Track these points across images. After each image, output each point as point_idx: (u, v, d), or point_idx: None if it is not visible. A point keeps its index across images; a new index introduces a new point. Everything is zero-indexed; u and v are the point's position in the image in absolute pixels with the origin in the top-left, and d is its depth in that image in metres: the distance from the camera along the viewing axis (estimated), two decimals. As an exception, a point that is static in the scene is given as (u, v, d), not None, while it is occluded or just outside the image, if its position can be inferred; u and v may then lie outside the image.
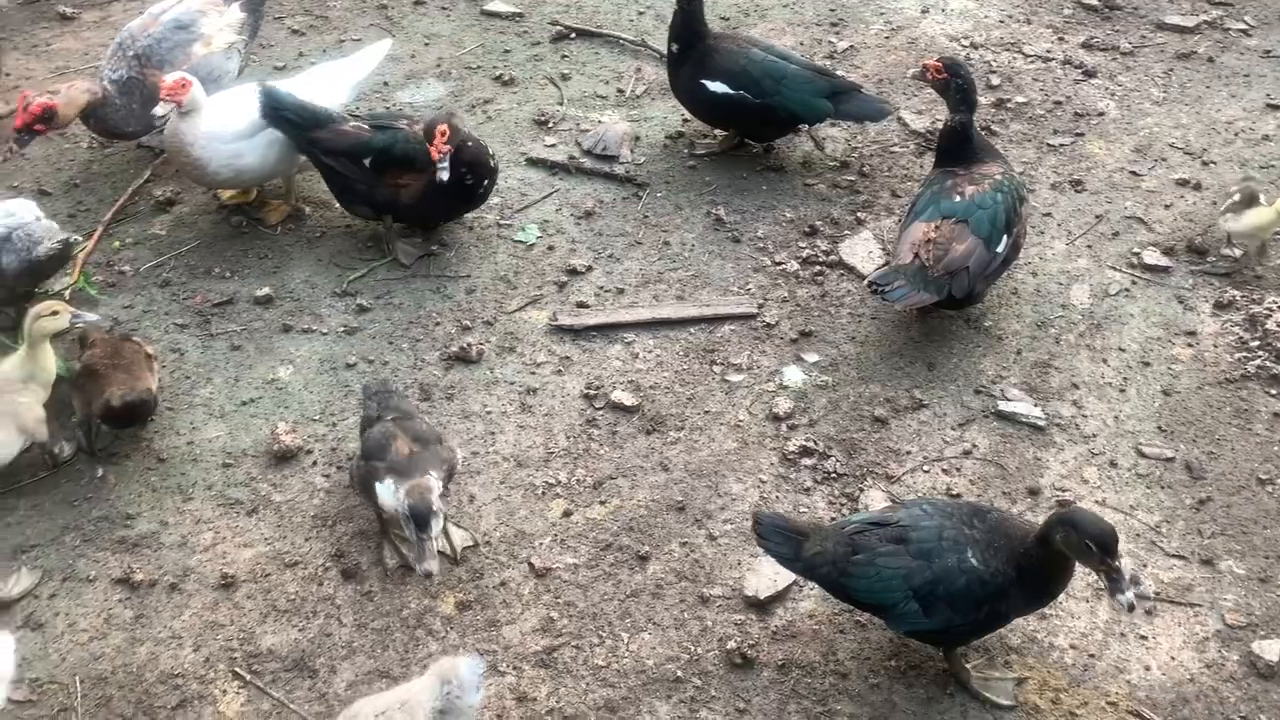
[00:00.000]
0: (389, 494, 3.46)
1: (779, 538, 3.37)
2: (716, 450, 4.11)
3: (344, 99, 5.00)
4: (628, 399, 4.26)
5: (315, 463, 4.00)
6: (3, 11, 6.23)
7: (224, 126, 4.63)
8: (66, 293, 4.47)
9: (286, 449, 3.98)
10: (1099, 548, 3.02)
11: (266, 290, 4.61)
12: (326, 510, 3.85)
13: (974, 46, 6.21)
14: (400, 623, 3.55)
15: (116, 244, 4.86)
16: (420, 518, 3.28)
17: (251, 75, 5.54)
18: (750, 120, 5.28)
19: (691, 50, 5.20)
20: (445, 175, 4.49)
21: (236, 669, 3.41)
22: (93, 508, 3.83)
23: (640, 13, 6.44)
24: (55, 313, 3.86)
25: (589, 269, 4.83)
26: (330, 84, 4.92)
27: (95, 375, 3.86)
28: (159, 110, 4.55)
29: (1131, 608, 3.04)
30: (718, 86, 5.16)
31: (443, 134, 4.47)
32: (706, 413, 4.25)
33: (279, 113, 4.63)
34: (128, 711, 3.31)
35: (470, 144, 4.65)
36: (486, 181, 4.76)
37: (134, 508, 3.84)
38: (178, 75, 4.59)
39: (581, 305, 4.67)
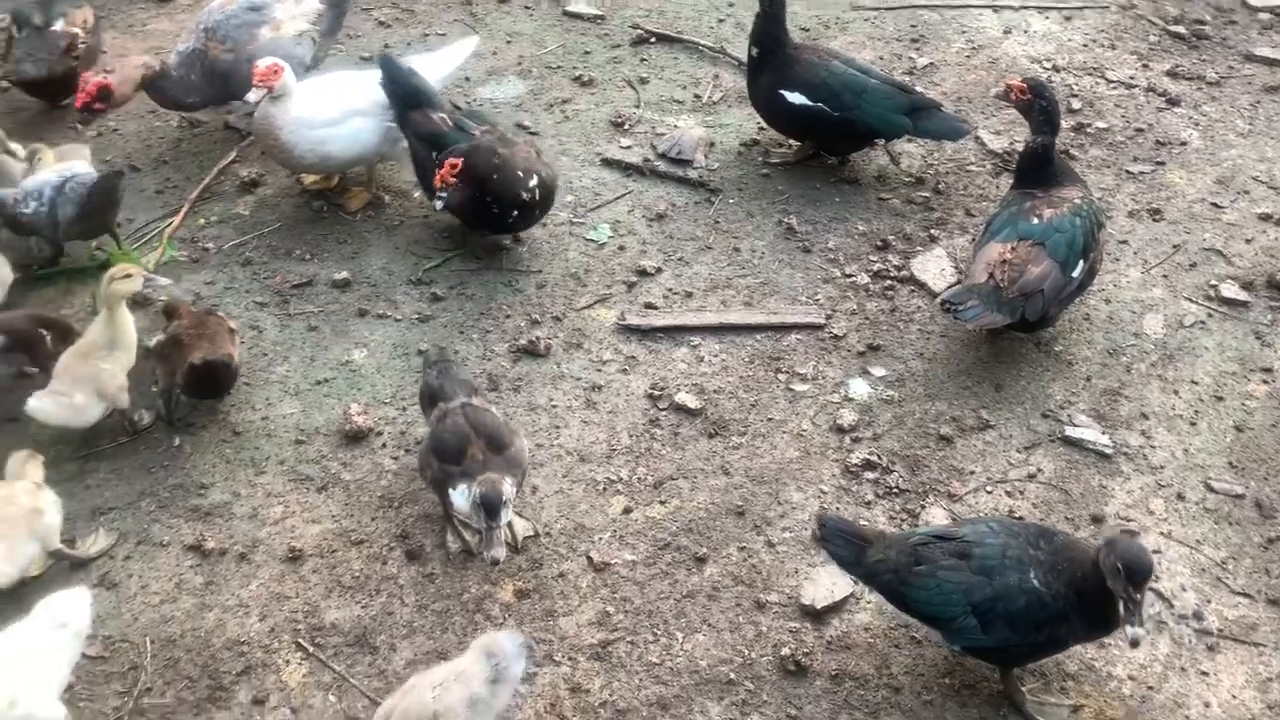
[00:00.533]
0: (462, 499, 3.51)
1: (842, 541, 3.38)
2: (778, 458, 4.13)
3: (429, 92, 5.09)
4: (691, 401, 4.29)
5: (384, 444, 4.08)
6: (103, -9, 6.43)
7: (313, 113, 4.75)
8: (151, 263, 4.61)
9: (358, 429, 4.06)
10: (1125, 572, 3.02)
11: (344, 274, 4.71)
12: (393, 491, 3.93)
13: (1056, 69, 6.16)
14: (460, 606, 3.61)
15: (201, 221, 4.99)
16: (490, 506, 3.34)
17: (338, 64, 5.67)
18: (827, 133, 5.29)
19: (771, 57, 5.22)
20: (439, 205, 4.50)
21: (300, 640, 3.49)
22: (169, 475, 3.95)
23: (720, 20, 6.48)
24: (128, 275, 3.98)
25: (658, 271, 4.87)
26: (417, 75, 5.01)
27: (179, 344, 3.98)
28: (251, 96, 4.67)
29: (1136, 643, 3.08)
30: (796, 98, 5.17)
31: (451, 166, 4.41)
32: (770, 420, 4.27)
33: (390, 83, 4.76)
34: (194, 674, 3.41)
35: (496, 177, 4.50)
36: (516, 212, 4.61)
37: (208, 478, 3.95)
38: (270, 60, 4.72)
39: (649, 306, 4.71)
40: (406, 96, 4.77)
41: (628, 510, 3.93)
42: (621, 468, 4.07)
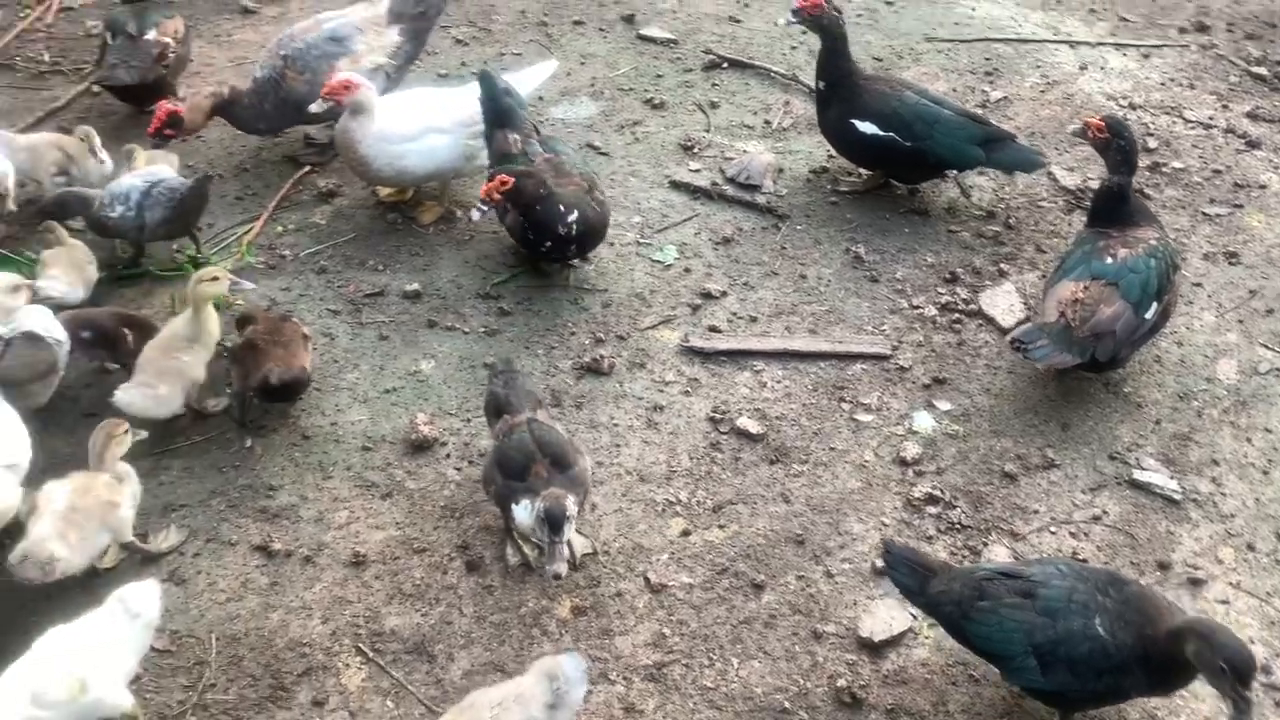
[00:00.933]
0: (525, 514, 3.55)
1: (906, 569, 3.36)
2: (840, 488, 4.11)
3: (504, 111, 5.17)
4: (753, 427, 4.30)
5: (449, 455, 4.14)
6: (193, 2, 6.62)
7: (392, 128, 4.85)
8: (229, 267, 4.73)
9: (424, 439, 4.12)
10: (1233, 672, 2.91)
11: (415, 286, 4.79)
12: (456, 502, 3.98)
13: (1132, 107, 6.10)
14: (517, 619, 3.64)
15: (279, 229, 5.11)
16: (555, 522, 3.37)
17: (415, 81, 5.78)
18: (898, 163, 5.28)
19: (839, 88, 5.23)
20: (476, 216, 4.52)
21: (360, 645, 3.54)
22: (239, 476, 4.03)
23: (793, 47, 6.50)
24: (215, 279, 4.11)
25: (723, 294, 4.89)
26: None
27: (255, 350, 4.07)
28: (314, 107, 4.79)
29: None
30: (867, 127, 5.18)
31: (501, 182, 4.41)
32: (832, 449, 4.26)
33: (484, 99, 4.87)
34: (256, 672, 3.47)
35: (539, 207, 4.47)
36: (549, 243, 4.59)
37: (277, 480, 4.03)
38: (346, 75, 4.82)
39: (713, 329, 4.73)
40: (494, 114, 4.86)
41: (686, 533, 3.94)
42: (681, 489, 4.09)
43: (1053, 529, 3.99)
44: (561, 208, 4.53)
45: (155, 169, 4.74)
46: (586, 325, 4.73)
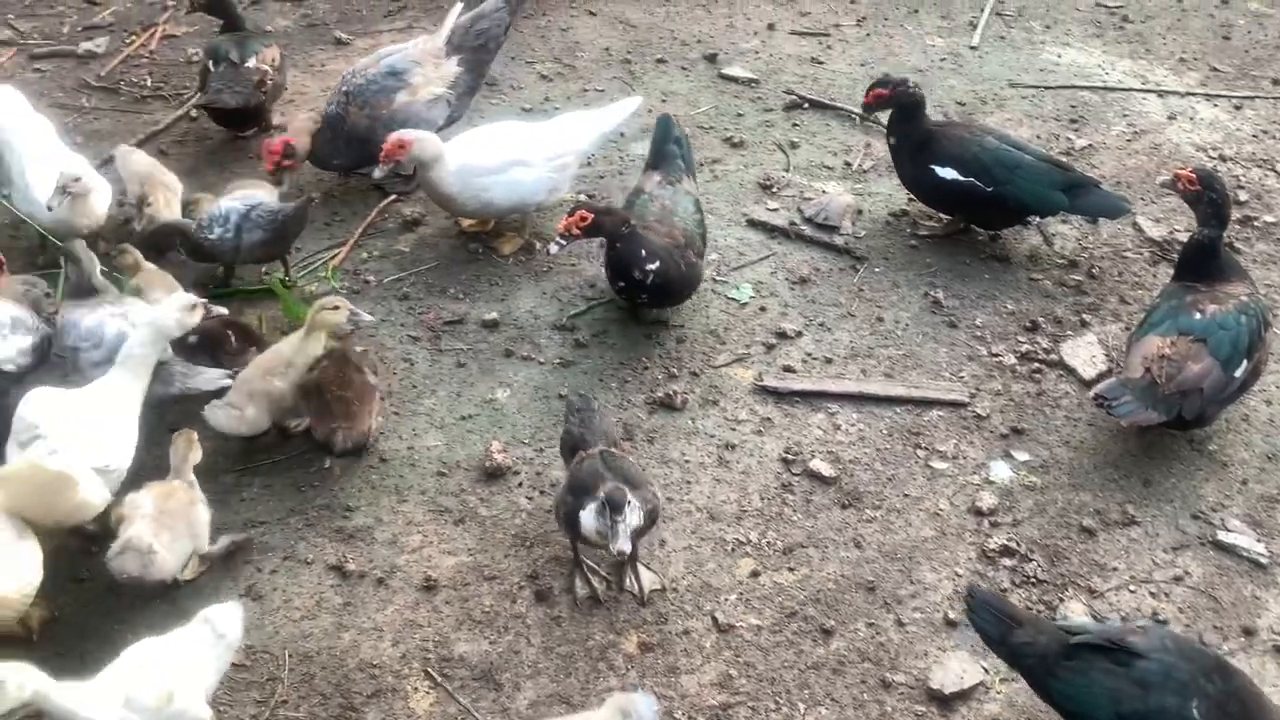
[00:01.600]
0: (590, 518, 3.57)
1: (990, 616, 3.29)
2: (913, 536, 4.06)
3: (587, 147, 5.25)
4: (826, 469, 4.27)
5: (521, 484, 4.18)
6: (289, 32, 6.85)
7: (476, 162, 4.95)
8: (313, 288, 4.85)
9: (497, 467, 4.17)
10: None
11: (494, 315, 4.87)
12: (527, 531, 4.01)
13: (1222, 159, 5.98)
14: (584, 652, 3.64)
15: (364, 255, 5.23)
16: (615, 503, 3.44)
17: (499, 115, 5.90)
18: (979, 208, 5.24)
19: (909, 140, 5.23)
20: (554, 249, 4.57)
21: (429, 670, 3.58)
22: (317, 495, 4.11)
23: (874, 90, 6.50)
24: (336, 307, 4.20)
25: (799, 334, 4.88)
26: (578, 131, 5.16)
27: (323, 399, 4.04)
28: (376, 174, 4.97)
29: None
30: (947, 173, 5.15)
31: (581, 218, 4.44)
32: (906, 496, 4.21)
33: (654, 139, 5.13)
34: (327, 691, 3.52)
35: (619, 245, 4.52)
36: (623, 283, 4.61)
37: (354, 501, 4.10)
38: (398, 135, 4.87)
39: (788, 369, 4.72)
40: (653, 156, 5.07)
41: (755, 573, 3.92)
42: (751, 530, 4.07)
43: (1131, 587, 3.89)
44: (643, 253, 4.53)
45: (253, 192, 4.87)
46: (660, 360, 4.75)
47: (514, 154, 5.01)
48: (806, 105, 6.35)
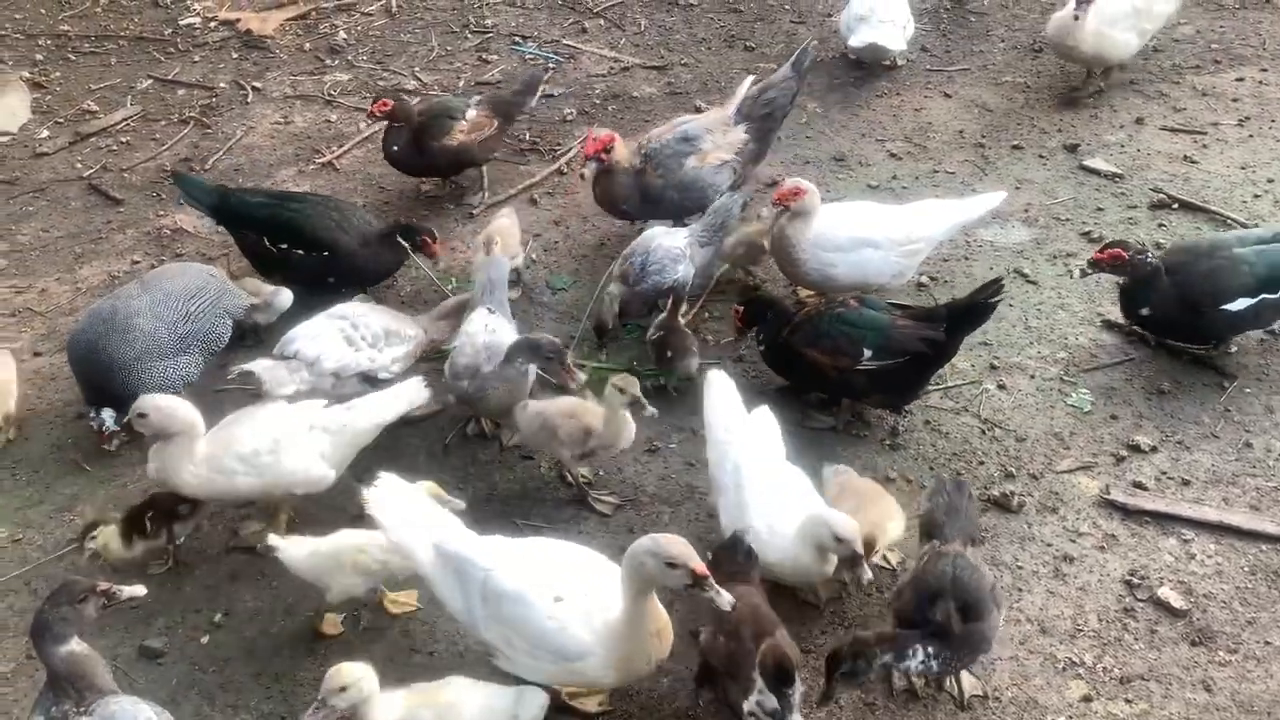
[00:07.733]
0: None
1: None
2: (1274, 688, 3.68)
3: (941, 236, 5.18)
4: (1176, 600, 3.96)
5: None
6: (651, 99, 7.27)
7: (828, 236, 5.05)
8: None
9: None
10: None
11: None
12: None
13: None
14: (898, 748, 3.57)
15: (705, 315, 5.43)
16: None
17: (845, 189, 6.00)
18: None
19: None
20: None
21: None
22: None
23: (1256, 195, 6.03)
24: (623, 390, 4.18)
25: (1153, 450, 4.57)
26: (936, 219, 5.11)
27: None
28: (785, 220, 5.11)
29: None
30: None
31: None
32: (1268, 644, 3.82)
33: None
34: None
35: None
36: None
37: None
38: (795, 182, 5.06)
39: (1138, 485, 4.42)
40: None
41: (1088, 699, 3.68)
42: (1085, 651, 3.83)
43: None
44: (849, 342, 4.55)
45: (659, 234, 5.20)
46: (997, 457, 4.60)
47: (865, 234, 5.05)
48: (1176, 205, 5.98)
